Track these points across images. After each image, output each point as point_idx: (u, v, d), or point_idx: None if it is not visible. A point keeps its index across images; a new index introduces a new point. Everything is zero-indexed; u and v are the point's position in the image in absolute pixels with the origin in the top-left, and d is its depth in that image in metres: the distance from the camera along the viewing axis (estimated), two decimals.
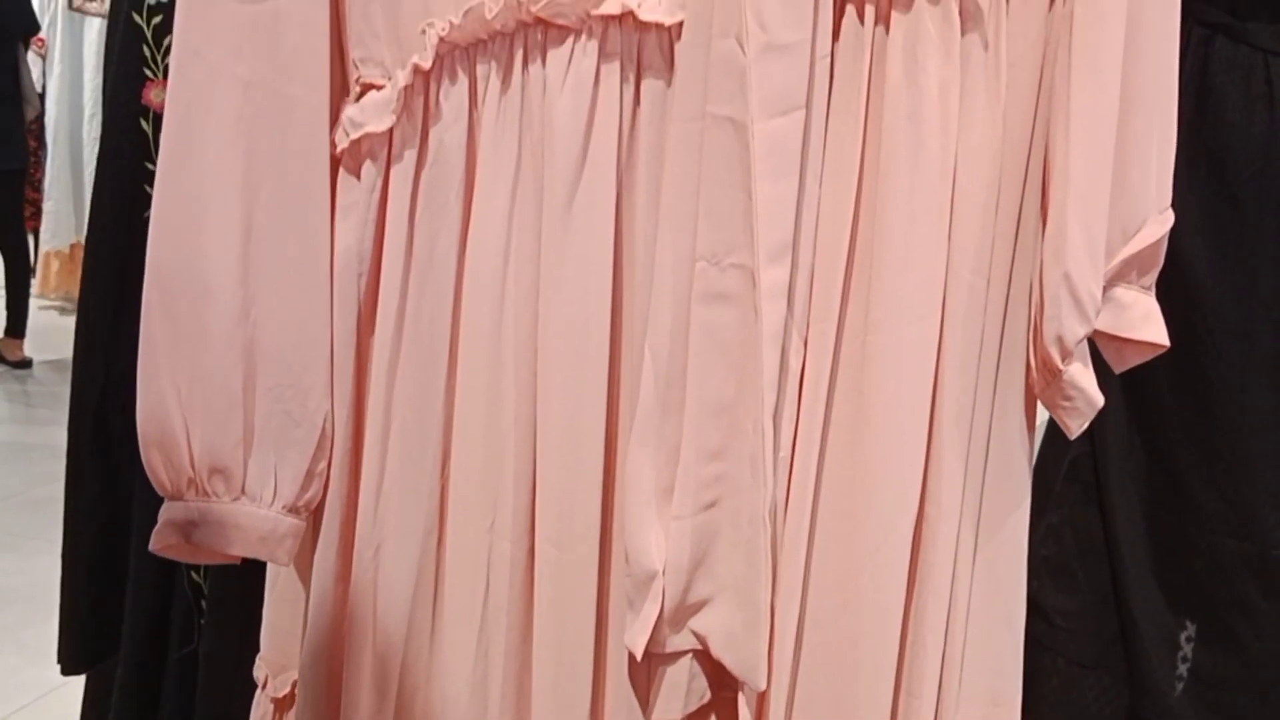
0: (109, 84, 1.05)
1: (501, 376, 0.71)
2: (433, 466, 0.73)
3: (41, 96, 3.90)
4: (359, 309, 0.72)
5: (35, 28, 3.66)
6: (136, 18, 1.01)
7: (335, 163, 0.71)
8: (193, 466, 0.70)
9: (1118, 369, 0.74)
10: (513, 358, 0.71)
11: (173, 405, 0.70)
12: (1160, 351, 0.72)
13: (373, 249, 0.71)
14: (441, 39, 0.66)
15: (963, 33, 0.65)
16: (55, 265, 4.17)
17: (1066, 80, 0.65)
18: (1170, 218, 0.71)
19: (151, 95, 1.02)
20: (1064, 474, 1.21)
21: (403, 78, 0.67)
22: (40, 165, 3.97)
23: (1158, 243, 0.70)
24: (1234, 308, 1.14)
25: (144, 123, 1.03)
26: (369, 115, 0.68)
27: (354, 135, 0.69)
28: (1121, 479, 1.19)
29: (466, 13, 0.66)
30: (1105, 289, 0.68)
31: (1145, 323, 0.71)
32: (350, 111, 0.69)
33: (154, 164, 1.04)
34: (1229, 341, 1.15)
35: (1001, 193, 0.68)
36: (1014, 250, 0.69)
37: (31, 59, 3.75)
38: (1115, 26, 0.64)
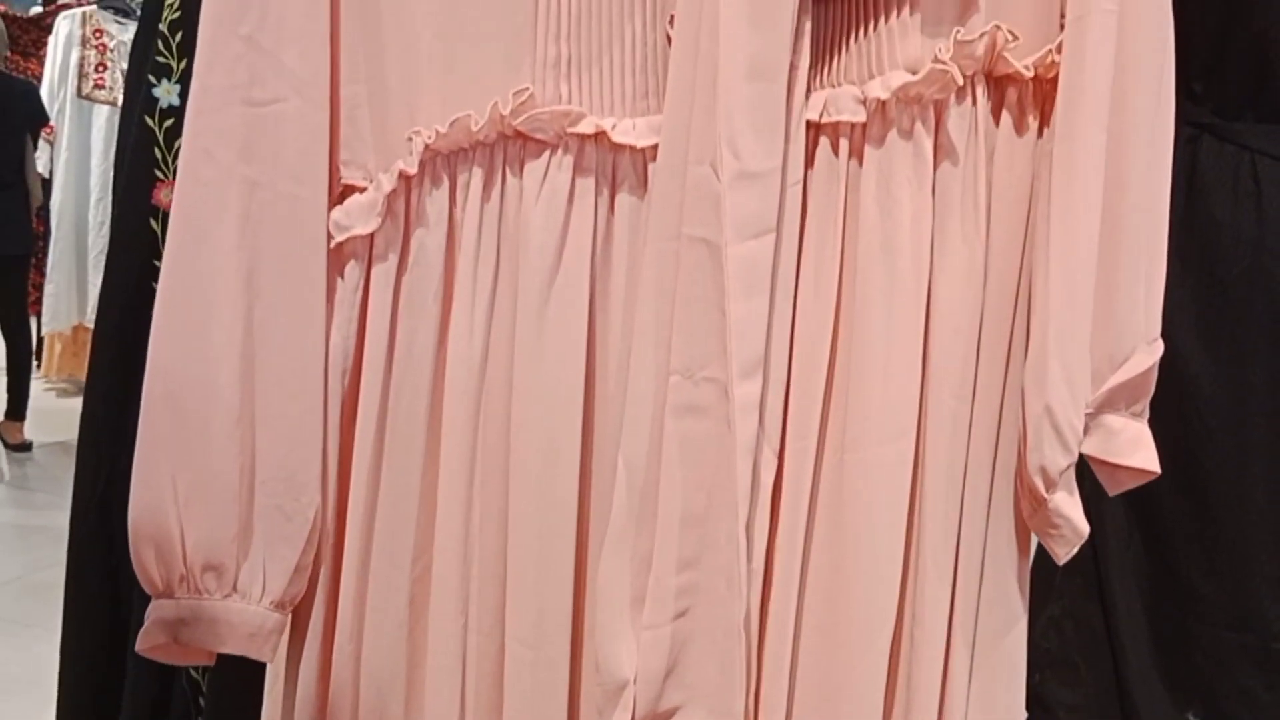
0: (120, 184, 1.09)
1: (476, 476, 0.72)
2: (410, 561, 0.73)
3: (49, 181, 3.97)
4: (341, 405, 0.73)
5: (44, 119, 3.74)
6: (149, 121, 1.05)
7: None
8: (185, 562, 0.71)
9: (1111, 492, 0.74)
10: (487, 458, 0.72)
11: (169, 500, 0.70)
12: (1151, 478, 0.72)
13: (355, 347, 0.73)
14: (427, 146, 0.69)
15: (937, 165, 0.68)
16: (58, 347, 4.19)
17: (1046, 216, 0.66)
18: (1160, 347, 0.71)
19: (161, 196, 1.06)
20: (1064, 567, 1.21)
21: (387, 183, 0.69)
22: (44, 249, 4.02)
23: (1147, 372, 0.70)
24: (1228, 400, 1.15)
25: (154, 222, 1.06)
26: (354, 218, 0.70)
27: (339, 238, 0.71)
28: (1121, 571, 1.19)
29: (453, 123, 0.68)
30: (1093, 415, 0.68)
31: (1135, 449, 0.70)
32: (336, 214, 0.71)
33: (161, 262, 1.08)
34: (1224, 434, 1.16)
35: (987, 318, 0.69)
36: (1005, 372, 0.70)
37: (41, 145, 3.83)
38: (1091, 166, 0.65)
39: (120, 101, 3.29)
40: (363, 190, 0.70)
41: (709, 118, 0.65)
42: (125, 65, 3.67)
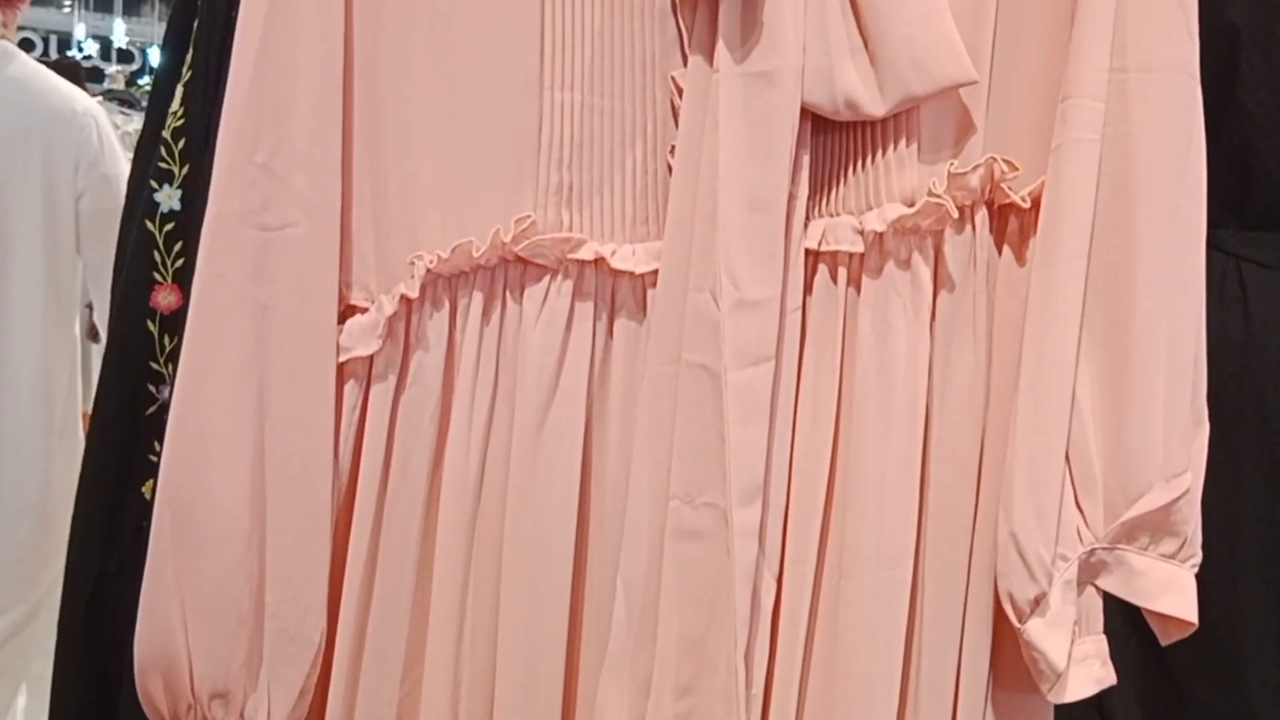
0: (119, 285, 1.10)
1: (468, 596, 0.71)
2: (399, 679, 0.72)
3: None
4: (334, 523, 0.73)
5: None
6: (149, 225, 1.06)
7: None
8: (193, 691, 0.70)
9: (1162, 641, 0.70)
10: (480, 578, 0.71)
11: (178, 628, 0.69)
12: (1188, 630, 0.68)
13: (350, 466, 0.72)
14: (428, 270, 0.70)
15: (937, 293, 0.68)
16: None
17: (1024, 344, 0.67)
18: (1182, 484, 0.67)
19: (159, 299, 1.06)
20: None
21: (388, 305, 0.70)
22: None
23: (1166, 508, 0.67)
24: (1221, 506, 1.15)
25: (150, 324, 1.06)
26: (355, 340, 0.70)
27: (340, 359, 0.70)
28: (1119, 673, 1.18)
29: (455, 249, 0.69)
30: (1110, 550, 0.67)
31: (1163, 593, 0.67)
32: (338, 336, 0.72)
33: (158, 364, 1.08)
34: (1218, 538, 1.16)
35: (989, 446, 0.69)
36: None
37: None
38: (1067, 294, 0.65)
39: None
40: (364, 311, 0.71)
41: (708, 246, 0.66)
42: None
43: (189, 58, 1.07)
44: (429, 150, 0.70)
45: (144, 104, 3.92)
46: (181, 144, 1.05)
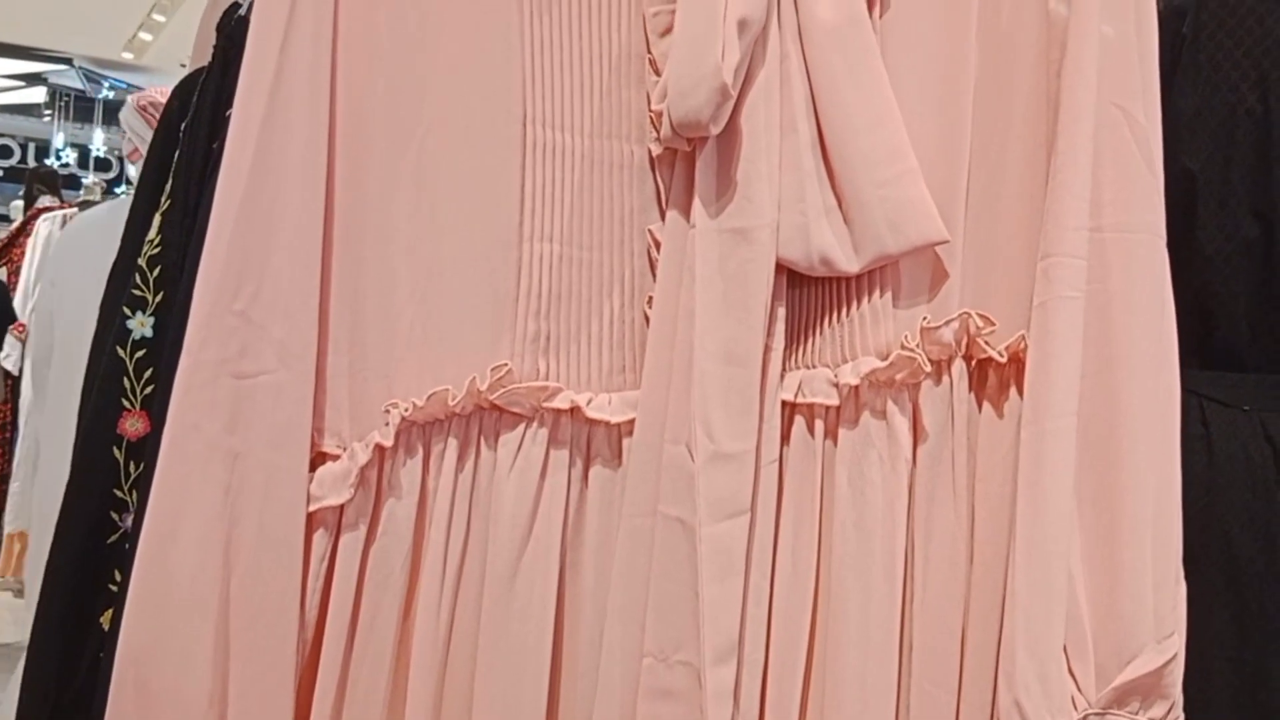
0: (87, 410, 1.08)
1: None
2: None
3: (18, 378, 3.92)
4: (299, 678, 0.70)
5: (12, 317, 3.74)
6: (120, 352, 1.04)
7: None
8: None
9: None
10: None
11: None
12: None
13: (317, 619, 0.70)
14: (403, 418, 0.69)
15: (916, 446, 0.68)
16: (18, 547, 4.07)
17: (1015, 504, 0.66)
18: (1172, 646, 0.68)
19: (127, 425, 1.04)
20: None
21: (361, 454, 0.68)
22: (8, 448, 3.93)
23: (1158, 671, 0.66)
24: (1190, 647, 1.14)
25: (116, 451, 1.04)
26: (327, 489, 0.69)
27: (311, 508, 0.69)
28: None
29: (430, 396, 0.68)
30: (1103, 714, 0.65)
31: None
32: (309, 484, 0.70)
33: (123, 491, 1.05)
34: (1188, 681, 1.14)
35: (974, 605, 0.68)
36: (996, 662, 0.67)
37: (11, 343, 3.81)
38: (1060, 453, 0.65)
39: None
40: (337, 458, 0.69)
41: (685, 399, 0.66)
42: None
43: (168, 186, 1.06)
44: (409, 299, 0.69)
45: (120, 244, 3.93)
46: (157, 271, 1.04)
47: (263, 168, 0.66)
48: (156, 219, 1.07)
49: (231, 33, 1.08)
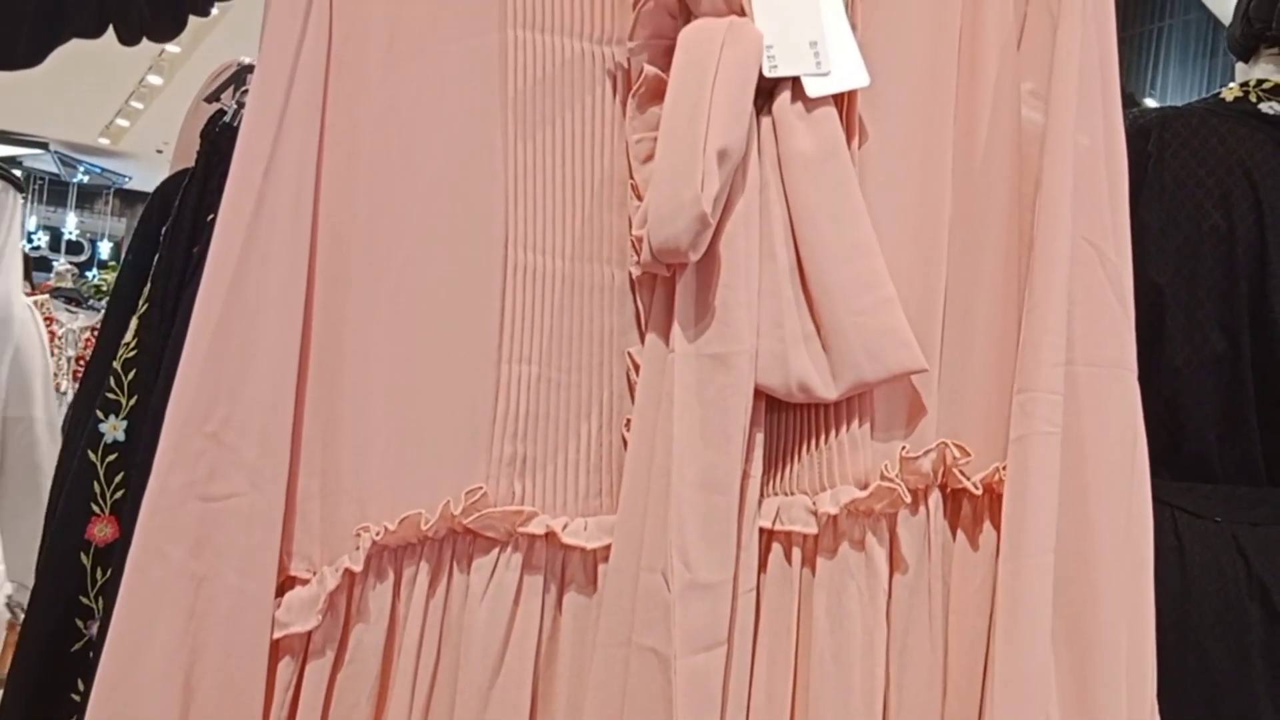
0: (55, 514, 1.05)
1: None
2: None
3: None
4: None
5: None
6: (91, 455, 1.02)
7: None
8: None
9: None
10: None
11: None
12: None
13: None
14: (374, 542, 0.67)
15: (893, 576, 0.66)
16: None
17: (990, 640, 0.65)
18: None
19: (95, 530, 1.02)
20: None
21: (331, 579, 0.66)
22: None
23: None
24: None
25: (84, 557, 1.01)
26: (294, 615, 0.66)
27: (277, 634, 0.66)
28: None
29: (403, 520, 0.66)
30: None
31: None
32: (276, 611, 0.68)
33: (88, 598, 1.03)
34: None
35: None
36: None
37: None
38: (1037, 589, 0.63)
39: (65, 388, 3.26)
40: (305, 583, 0.67)
41: (661, 526, 0.64)
42: (71, 353, 3.66)
43: (147, 290, 1.05)
44: (385, 420, 0.68)
45: (90, 301, 3.90)
46: (132, 375, 1.03)
47: (240, 292, 0.65)
48: (133, 322, 1.06)
49: (216, 140, 1.08)
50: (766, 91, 0.68)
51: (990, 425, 0.68)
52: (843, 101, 0.69)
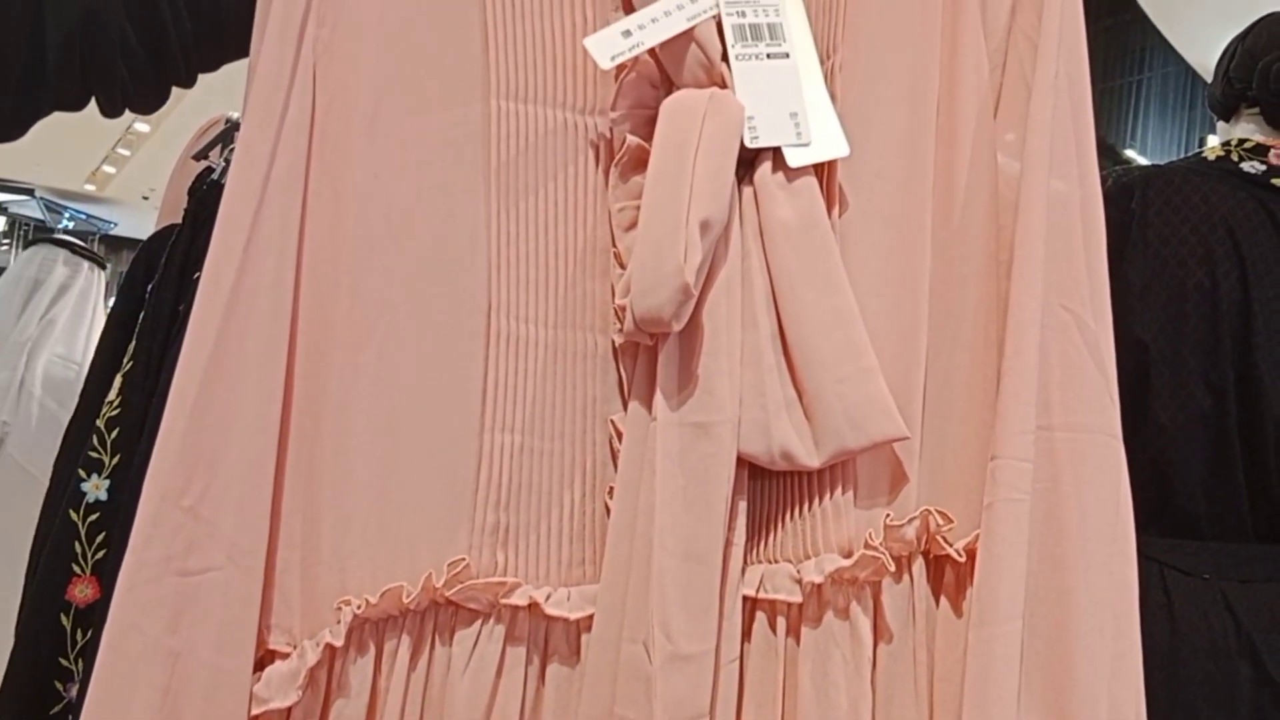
0: (35, 574, 1.04)
1: None
2: None
3: None
4: None
5: None
6: (73, 515, 1.01)
7: None
8: None
9: None
10: None
11: None
12: None
13: None
14: (355, 615, 0.66)
15: (877, 645, 0.66)
16: None
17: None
18: None
19: (75, 591, 1.01)
20: None
21: (311, 653, 0.65)
22: None
23: None
24: None
25: (64, 618, 1.00)
26: (274, 691, 0.65)
27: (255, 711, 0.65)
28: None
29: (384, 593, 0.66)
30: None
31: None
32: (255, 686, 0.66)
33: (68, 660, 1.01)
34: None
35: None
36: None
37: None
38: (1005, 655, 0.62)
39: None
40: (285, 657, 0.66)
41: (644, 595, 0.64)
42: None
43: (131, 347, 1.05)
44: (365, 490, 0.67)
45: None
46: (115, 433, 1.02)
47: (220, 363, 0.64)
48: (117, 380, 1.05)
49: (203, 197, 1.08)
50: (748, 162, 0.68)
51: (972, 491, 0.68)
52: (823, 171, 0.69)
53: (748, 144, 0.67)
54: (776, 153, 0.68)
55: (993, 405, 0.68)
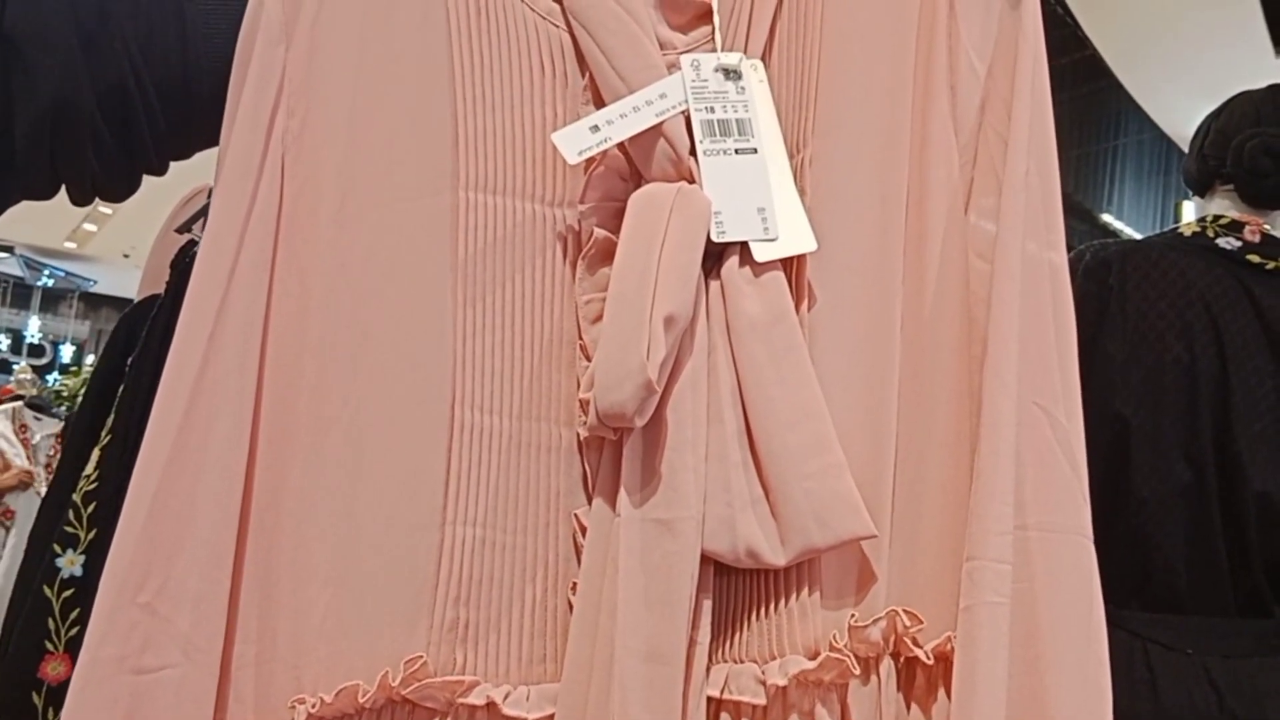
0: (7, 652, 1.01)
1: None
2: None
3: None
4: None
5: None
6: (47, 591, 0.99)
7: None
8: None
9: None
10: None
11: None
12: None
13: None
14: (310, 714, 0.64)
15: None
16: None
17: None
18: None
19: (48, 669, 0.98)
20: None
21: None
22: None
23: None
24: None
25: (35, 696, 0.97)
26: None
27: None
28: None
29: (339, 692, 0.63)
30: None
31: None
32: None
33: None
34: None
35: None
36: None
37: None
38: None
39: (41, 491, 3.22)
40: None
41: (605, 697, 0.61)
42: (43, 459, 3.62)
43: (110, 421, 1.03)
44: (324, 585, 0.65)
45: (54, 410, 3.86)
46: (91, 508, 1.00)
47: (182, 455, 0.63)
48: (95, 453, 1.03)
49: (185, 270, 1.06)
50: (715, 255, 0.67)
51: (943, 591, 0.66)
52: (792, 265, 0.68)
53: (714, 239, 0.66)
54: (744, 247, 0.66)
55: (965, 503, 0.66)
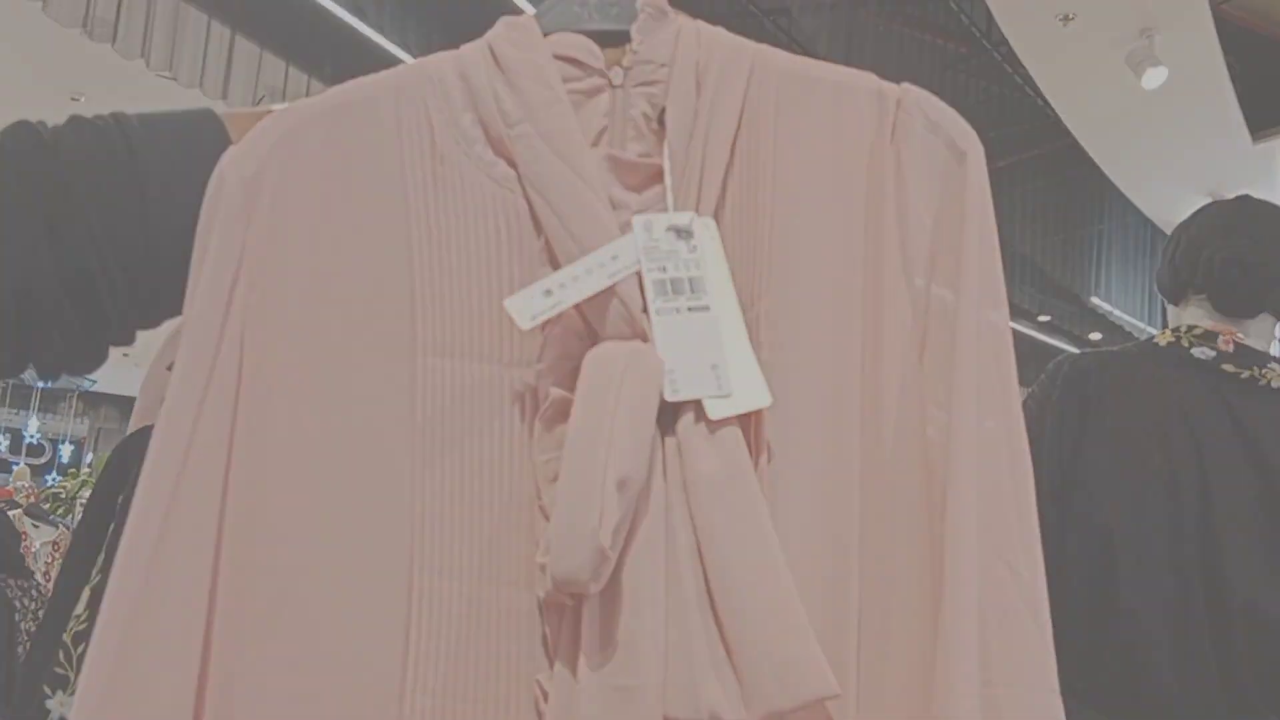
0: None
1: None
2: None
3: None
4: None
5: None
6: None
7: None
8: None
9: None
10: None
11: None
12: None
13: None
14: None
15: None
16: None
17: None
18: None
19: None
20: None
21: None
22: None
23: None
24: None
25: None
26: None
27: None
28: None
29: None
30: None
31: None
32: None
33: None
34: None
35: None
36: None
37: None
38: None
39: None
40: None
41: None
42: (43, 566, 3.59)
43: (100, 560, 1.01)
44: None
45: (51, 517, 3.84)
46: (81, 649, 0.97)
47: (133, 640, 0.60)
48: (85, 593, 1.01)
49: None
50: (672, 413, 0.64)
51: None
52: (750, 421, 0.65)
53: (668, 397, 0.63)
54: (699, 404, 0.64)
55: (931, 660, 0.62)
